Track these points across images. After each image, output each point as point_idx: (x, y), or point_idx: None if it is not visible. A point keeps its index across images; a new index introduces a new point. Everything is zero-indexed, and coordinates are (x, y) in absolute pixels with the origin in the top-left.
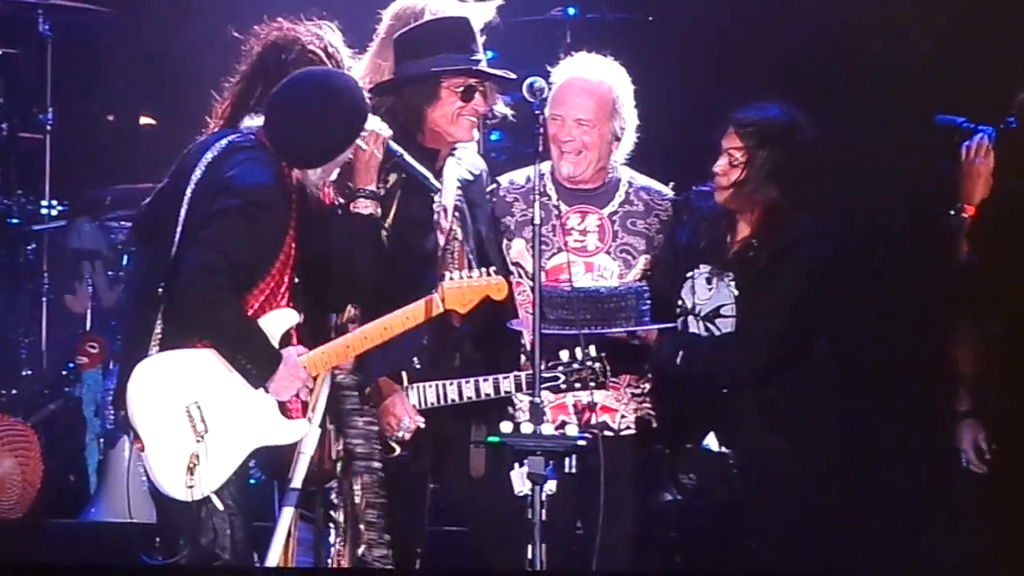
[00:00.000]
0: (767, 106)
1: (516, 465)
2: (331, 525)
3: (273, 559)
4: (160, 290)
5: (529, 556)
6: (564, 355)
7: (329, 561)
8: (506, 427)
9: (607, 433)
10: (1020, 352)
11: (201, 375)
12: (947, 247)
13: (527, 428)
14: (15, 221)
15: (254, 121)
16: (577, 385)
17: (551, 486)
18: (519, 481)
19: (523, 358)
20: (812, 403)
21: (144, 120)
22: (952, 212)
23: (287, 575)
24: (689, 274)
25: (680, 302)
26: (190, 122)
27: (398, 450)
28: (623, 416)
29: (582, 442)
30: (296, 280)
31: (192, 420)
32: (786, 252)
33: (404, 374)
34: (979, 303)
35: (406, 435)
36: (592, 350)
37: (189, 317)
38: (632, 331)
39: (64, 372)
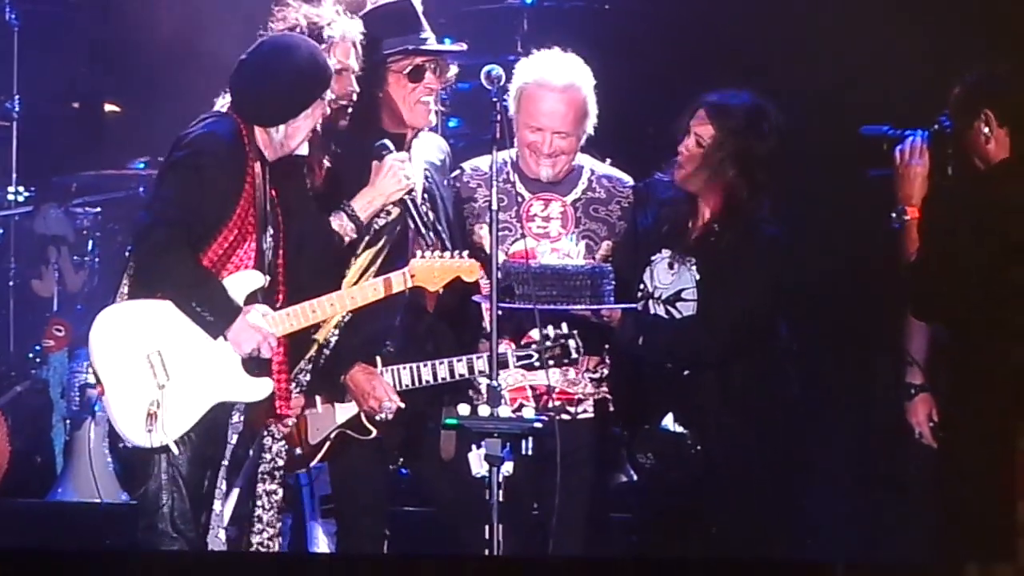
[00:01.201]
0: (738, 93)
1: (474, 447)
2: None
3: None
4: (127, 253)
5: (487, 537)
6: (535, 333)
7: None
8: (464, 409)
9: (564, 417)
10: (970, 337)
11: (164, 324)
12: (895, 250)
13: (484, 411)
14: None
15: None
16: (551, 362)
17: (508, 468)
18: (476, 463)
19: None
20: (772, 384)
21: (109, 108)
22: (893, 215)
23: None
24: (651, 258)
25: (641, 286)
26: (154, 109)
27: (374, 432)
28: (580, 400)
29: (539, 425)
30: (266, 246)
31: (153, 368)
32: (748, 236)
33: (378, 358)
34: (931, 300)
35: (388, 416)
36: (564, 327)
37: (146, 270)
38: (597, 309)
39: (31, 355)
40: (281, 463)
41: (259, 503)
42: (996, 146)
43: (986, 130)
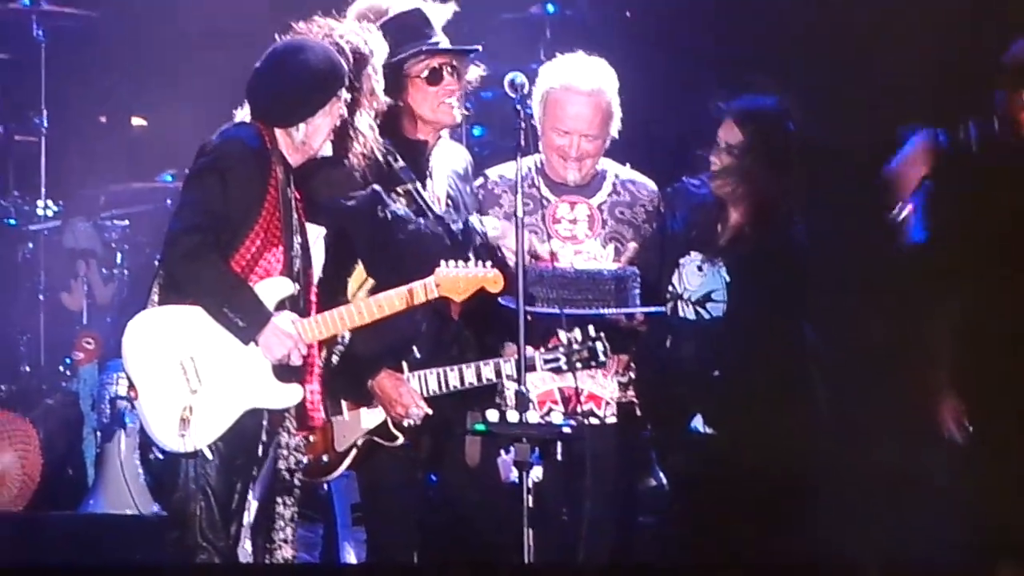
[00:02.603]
0: (756, 97)
1: (503, 452)
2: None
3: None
4: (157, 262)
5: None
6: (563, 336)
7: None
8: (492, 415)
9: (592, 421)
10: (987, 330)
11: (196, 330)
12: (899, 242)
13: (513, 416)
14: (12, 222)
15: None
16: (579, 365)
17: (537, 473)
18: (505, 468)
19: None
20: (799, 385)
21: (136, 121)
22: (895, 211)
23: (278, 571)
24: (681, 261)
25: (670, 288)
26: (180, 122)
27: (401, 438)
28: (608, 404)
29: (567, 429)
30: (294, 253)
31: (186, 373)
32: (778, 239)
33: (404, 364)
34: (941, 289)
35: (416, 422)
36: (591, 330)
37: (176, 276)
38: (631, 312)
39: (61, 368)
40: (296, 460)
41: (278, 503)
42: None
43: None
